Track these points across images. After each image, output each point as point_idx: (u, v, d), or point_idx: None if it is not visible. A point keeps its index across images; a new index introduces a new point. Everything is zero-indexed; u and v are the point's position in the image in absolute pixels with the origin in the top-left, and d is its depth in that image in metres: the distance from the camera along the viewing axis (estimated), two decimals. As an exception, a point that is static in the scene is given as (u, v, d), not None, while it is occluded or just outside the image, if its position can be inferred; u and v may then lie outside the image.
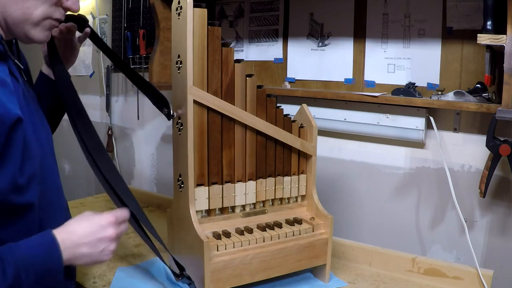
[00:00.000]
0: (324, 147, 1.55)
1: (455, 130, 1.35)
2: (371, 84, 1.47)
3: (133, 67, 1.99)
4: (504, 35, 1.04)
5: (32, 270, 0.74)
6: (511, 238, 1.30)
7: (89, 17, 2.22)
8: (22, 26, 0.82)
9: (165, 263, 1.09)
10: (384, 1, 1.41)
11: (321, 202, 1.24)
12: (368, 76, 1.47)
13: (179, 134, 1.09)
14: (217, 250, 1.05)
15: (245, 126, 1.14)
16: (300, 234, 1.17)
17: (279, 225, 1.17)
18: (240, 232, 1.12)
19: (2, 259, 0.72)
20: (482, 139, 1.21)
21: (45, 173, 0.86)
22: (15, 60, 0.85)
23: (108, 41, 2.15)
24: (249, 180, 1.16)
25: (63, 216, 0.94)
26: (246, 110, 1.12)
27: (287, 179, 1.23)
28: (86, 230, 0.81)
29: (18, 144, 0.76)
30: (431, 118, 1.34)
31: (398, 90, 1.35)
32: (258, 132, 1.15)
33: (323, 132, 1.54)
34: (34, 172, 0.81)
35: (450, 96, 1.27)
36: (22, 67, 0.88)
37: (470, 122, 1.34)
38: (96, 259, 0.82)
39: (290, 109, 1.26)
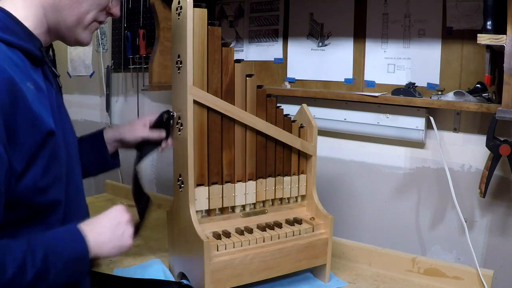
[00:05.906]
0: (324, 147, 1.55)
1: (455, 130, 1.35)
2: (371, 84, 1.47)
3: (133, 67, 1.99)
4: (504, 35, 1.03)
5: (59, 256, 0.76)
6: (511, 238, 1.30)
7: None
8: (74, 30, 0.88)
9: None
10: (384, 1, 1.41)
11: (321, 202, 1.23)
12: (368, 76, 1.47)
13: (179, 134, 1.09)
14: (217, 250, 1.05)
15: (245, 126, 1.13)
16: (300, 234, 1.16)
17: (279, 225, 1.17)
18: (240, 232, 1.12)
19: (30, 244, 0.74)
20: (482, 139, 1.21)
21: (69, 176, 0.89)
22: (52, 68, 0.89)
23: (108, 41, 2.15)
24: (249, 180, 1.16)
25: (83, 216, 0.96)
26: (246, 110, 1.12)
27: (287, 179, 1.23)
28: (105, 219, 0.88)
29: (46, 151, 0.79)
30: (431, 118, 1.34)
31: (398, 90, 1.35)
32: (258, 132, 1.15)
33: (323, 132, 1.54)
34: (60, 174, 0.84)
35: (450, 96, 1.27)
36: (58, 74, 0.92)
37: (470, 122, 1.33)
38: (119, 244, 0.87)
39: (290, 109, 1.26)
